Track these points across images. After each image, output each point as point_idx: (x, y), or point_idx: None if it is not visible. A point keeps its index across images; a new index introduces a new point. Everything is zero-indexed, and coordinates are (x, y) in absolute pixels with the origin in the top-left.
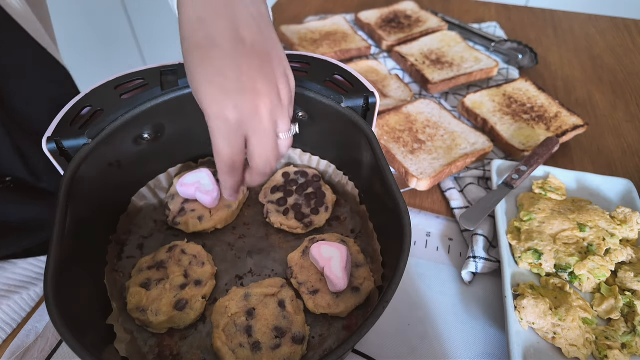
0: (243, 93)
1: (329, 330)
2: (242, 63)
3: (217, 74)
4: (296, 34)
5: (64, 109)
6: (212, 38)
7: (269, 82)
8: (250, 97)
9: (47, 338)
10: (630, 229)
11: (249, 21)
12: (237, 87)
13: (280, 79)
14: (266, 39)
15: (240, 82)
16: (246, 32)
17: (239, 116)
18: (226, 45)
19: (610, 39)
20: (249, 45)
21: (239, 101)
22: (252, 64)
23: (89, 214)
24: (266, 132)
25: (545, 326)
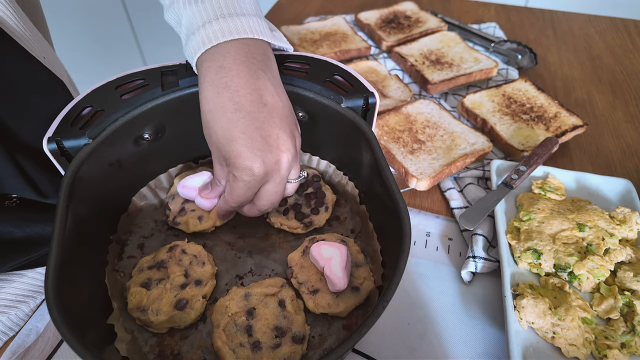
0: (269, 150)
1: (329, 329)
2: (265, 123)
3: (243, 132)
4: (296, 34)
5: (64, 109)
6: (237, 102)
7: (289, 139)
8: (275, 153)
9: (47, 338)
10: (629, 228)
11: (269, 86)
12: (262, 144)
13: (295, 132)
14: (282, 100)
15: (266, 141)
16: (268, 96)
17: (265, 170)
18: (250, 108)
19: (609, 40)
20: (270, 107)
21: (265, 157)
22: (274, 123)
23: (89, 214)
24: (282, 180)
25: (545, 326)
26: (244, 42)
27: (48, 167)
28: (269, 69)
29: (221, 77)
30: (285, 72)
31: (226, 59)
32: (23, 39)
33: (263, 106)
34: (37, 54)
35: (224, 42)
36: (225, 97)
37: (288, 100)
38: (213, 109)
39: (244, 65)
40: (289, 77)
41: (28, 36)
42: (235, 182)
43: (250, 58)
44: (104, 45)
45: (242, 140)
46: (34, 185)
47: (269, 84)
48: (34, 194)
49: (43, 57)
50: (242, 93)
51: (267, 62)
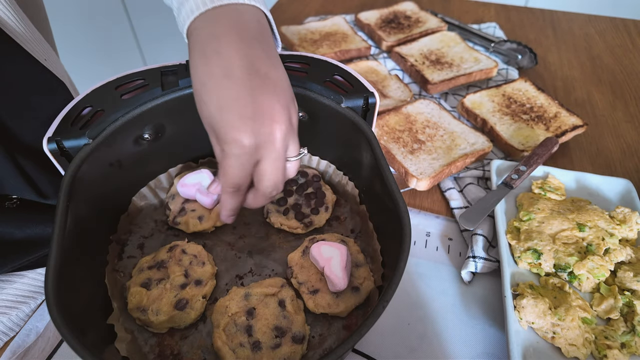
0: (261, 119)
1: (328, 329)
2: (257, 91)
3: (234, 101)
4: (296, 34)
5: (64, 109)
6: (227, 69)
7: (283, 110)
8: (267, 123)
9: (47, 337)
10: (629, 228)
11: (262, 54)
12: (254, 113)
13: (291, 105)
14: (277, 71)
15: (257, 109)
16: (261, 64)
17: (255, 141)
18: (241, 74)
19: (609, 40)
20: (263, 75)
21: (256, 127)
22: (267, 93)
23: (89, 214)
24: (278, 156)
25: (545, 326)
26: (236, 9)
27: (48, 168)
28: (263, 38)
29: (211, 45)
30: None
31: (216, 26)
32: (24, 40)
33: (256, 74)
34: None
35: (214, 7)
36: (215, 64)
37: (284, 72)
38: (202, 77)
39: (236, 32)
40: (289, 77)
41: (29, 37)
42: (225, 159)
43: (243, 25)
44: (104, 46)
45: (232, 108)
46: (34, 186)
47: (263, 53)
48: (34, 194)
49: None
50: (234, 60)
51: (262, 31)
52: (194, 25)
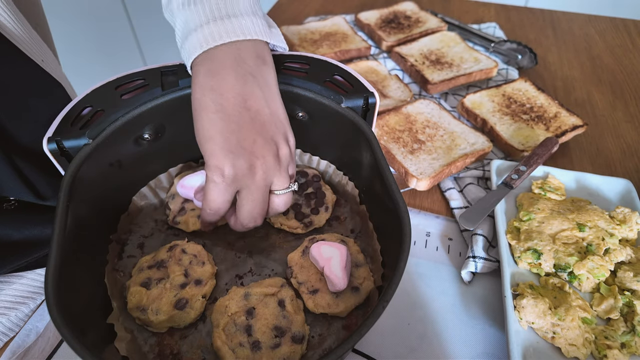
0: (241, 153)
1: (328, 329)
2: (243, 127)
3: (220, 134)
4: (296, 34)
5: (64, 109)
6: (220, 104)
7: (266, 145)
8: (247, 158)
9: (47, 337)
10: (629, 228)
11: (256, 92)
12: (236, 147)
13: (280, 141)
14: (270, 107)
15: (240, 144)
16: (252, 102)
17: (234, 173)
18: (232, 111)
19: (609, 40)
20: (254, 112)
21: (235, 160)
22: (253, 128)
23: (89, 213)
24: (257, 189)
25: (545, 326)
26: (236, 46)
27: (46, 169)
28: (260, 74)
29: (208, 81)
30: (285, 72)
31: (214, 62)
32: (21, 42)
33: (246, 111)
34: (35, 56)
35: (215, 46)
36: (209, 98)
37: (279, 107)
38: (198, 108)
39: (232, 69)
40: (289, 77)
41: (26, 39)
42: (208, 183)
43: (240, 62)
44: (104, 46)
45: (216, 140)
46: (32, 188)
47: (257, 89)
48: (32, 196)
49: (41, 60)
50: (227, 96)
51: (260, 65)
52: (196, 61)
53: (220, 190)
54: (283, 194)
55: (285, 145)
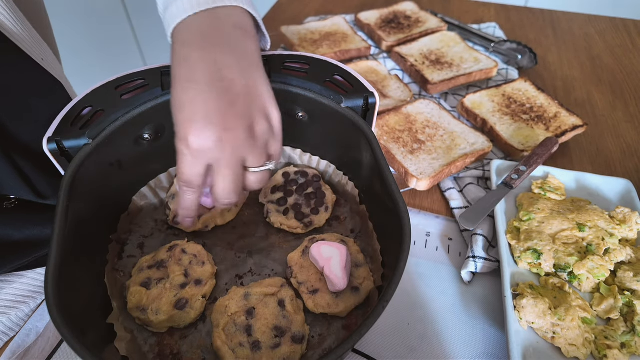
0: (207, 125)
1: (328, 329)
2: (213, 98)
3: (189, 104)
4: (296, 34)
5: (64, 109)
6: (191, 75)
7: (238, 118)
8: (213, 130)
9: (47, 337)
10: (629, 228)
11: (231, 62)
12: (203, 118)
13: (256, 116)
14: (247, 79)
15: (207, 116)
16: (226, 71)
17: (200, 144)
18: (203, 81)
19: (609, 40)
20: (227, 83)
21: (202, 132)
22: (224, 100)
23: (89, 213)
24: (227, 164)
25: (545, 326)
26: (214, 13)
27: (46, 168)
28: (237, 43)
29: (182, 51)
30: (285, 72)
31: (191, 32)
32: (21, 40)
33: (219, 81)
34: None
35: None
36: (183, 69)
37: (258, 79)
38: (173, 79)
39: (207, 38)
40: (289, 77)
41: (26, 38)
42: (177, 154)
43: (217, 31)
44: (104, 46)
45: (185, 110)
46: (32, 186)
47: (232, 59)
48: (32, 195)
49: (41, 59)
50: (199, 66)
51: (239, 35)
52: (175, 31)
53: (187, 161)
54: (257, 172)
55: (262, 121)
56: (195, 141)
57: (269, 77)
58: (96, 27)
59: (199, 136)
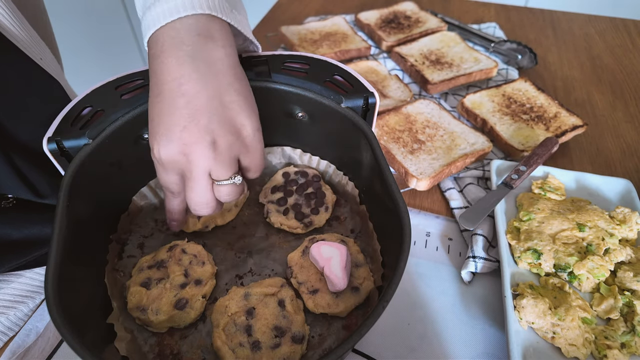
0: (169, 140)
1: (328, 329)
2: (175, 113)
3: (155, 117)
4: (296, 34)
5: (64, 109)
6: (158, 88)
7: (197, 133)
8: (175, 144)
9: (47, 337)
10: (629, 228)
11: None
12: (164, 133)
13: (217, 129)
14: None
15: (168, 131)
16: (187, 87)
17: (164, 157)
18: (167, 95)
19: (609, 40)
20: (189, 97)
21: (164, 146)
22: (182, 115)
23: (89, 213)
24: (193, 177)
25: (545, 326)
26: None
27: (45, 168)
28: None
29: (153, 65)
30: (285, 72)
31: (157, 46)
32: (19, 40)
33: (180, 96)
34: (34, 55)
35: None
36: (153, 82)
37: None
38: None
39: (170, 52)
40: (289, 77)
41: (25, 37)
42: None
43: (178, 44)
44: (104, 45)
45: (153, 123)
46: (30, 185)
47: (194, 72)
48: (30, 194)
49: (40, 59)
50: (164, 80)
51: (202, 44)
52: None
53: (159, 170)
54: (224, 185)
55: (226, 134)
56: (158, 154)
57: (269, 77)
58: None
59: (161, 150)
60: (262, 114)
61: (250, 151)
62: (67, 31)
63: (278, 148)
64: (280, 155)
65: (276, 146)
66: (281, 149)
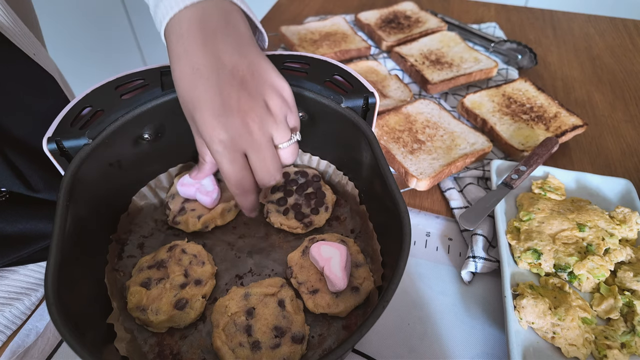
0: (229, 114)
1: (328, 329)
2: (224, 87)
3: (204, 100)
4: (296, 34)
5: (64, 109)
6: (194, 66)
7: (252, 99)
8: (236, 116)
9: (47, 337)
10: (629, 228)
11: (228, 46)
12: (222, 109)
13: (267, 93)
14: (247, 58)
15: (225, 105)
16: (226, 57)
17: (230, 135)
18: (208, 73)
19: (609, 40)
20: (229, 68)
21: (226, 122)
22: (233, 85)
23: (89, 213)
24: (260, 145)
25: (545, 326)
26: (200, 6)
27: (39, 163)
28: (228, 28)
29: (180, 45)
30: (285, 72)
31: (182, 27)
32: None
33: (222, 68)
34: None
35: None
36: (184, 62)
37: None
38: (177, 76)
39: (198, 29)
40: (289, 77)
41: (17, 32)
42: (215, 157)
43: (207, 21)
44: (104, 45)
45: (202, 107)
46: (23, 179)
47: (228, 44)
48: (23, 187)
49: (33, 54)
50: (199, 56)
51: (228, 22)
52: (167, 30)
53: (230, 159)
54: (287, 146)
55: (274, 96)
56: (225, 134)
57: None
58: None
59: (227, 127)
60: None
61: (292, 110)
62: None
63: None
64: None
65: None
66: None
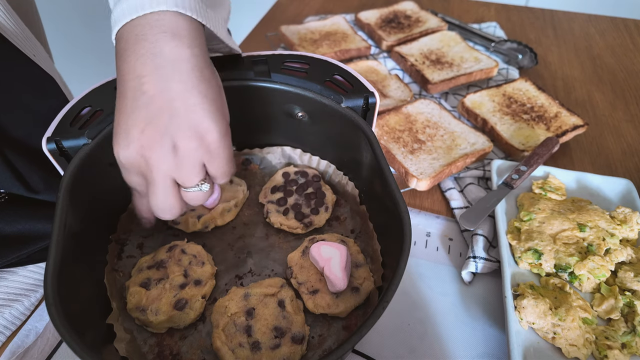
0: (130, 141)
1: (328, 330)
2: (135, 114)
3: (116, 118)
4: (296, 34)
5: (63, 109)
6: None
7: (157, 136)
8: (134, 146)
9: (47, 338)
10: (630, 228)
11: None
12: (125, 135)
13: (180, 134)
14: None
15: (128, 132)
16: (148, 86)
17: (124, 159)
18: (129, 95)
19: (610, 39)
20: (148, 98)
21: (124, 148)
22: (146, 116)
23: (89, 213)
24: (155, 183)
25: (545, 326)
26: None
27: (38, 163)
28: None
29: (117, 62)
30: (285, 72)
31: (121, 43)
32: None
33: (141, 95)
34: (28, 51)
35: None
36: (117, 80)
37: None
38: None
39: (132, 49)
40: (289, 77)
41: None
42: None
43: (141, 41)
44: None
45: (114, 123)
46: (22, 180)
47: (155, 71)
48: (22, 188)
49: (33, 55)
50: (126, 79)
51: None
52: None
53: (124, 172)
54: (192, 192)
55: (188, 139)
56: (119, 156)
57: (269, 76)
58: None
59: (120, 152)
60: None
61: (214, 158)
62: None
63: (278, 148)
64: (280, 155)
65: (276, 146)
66: (281, 148)
